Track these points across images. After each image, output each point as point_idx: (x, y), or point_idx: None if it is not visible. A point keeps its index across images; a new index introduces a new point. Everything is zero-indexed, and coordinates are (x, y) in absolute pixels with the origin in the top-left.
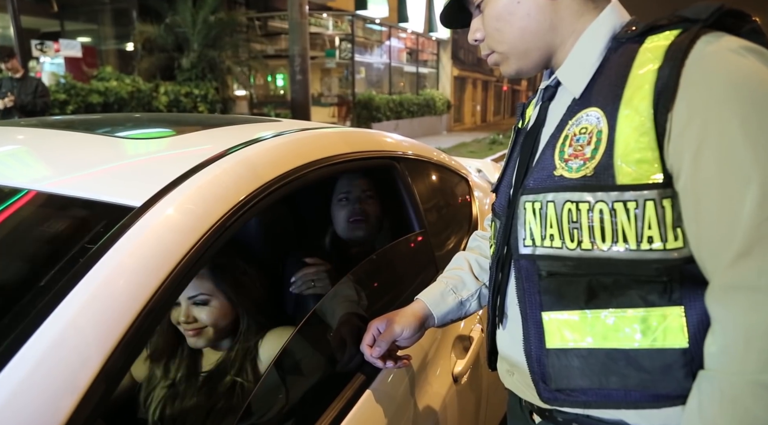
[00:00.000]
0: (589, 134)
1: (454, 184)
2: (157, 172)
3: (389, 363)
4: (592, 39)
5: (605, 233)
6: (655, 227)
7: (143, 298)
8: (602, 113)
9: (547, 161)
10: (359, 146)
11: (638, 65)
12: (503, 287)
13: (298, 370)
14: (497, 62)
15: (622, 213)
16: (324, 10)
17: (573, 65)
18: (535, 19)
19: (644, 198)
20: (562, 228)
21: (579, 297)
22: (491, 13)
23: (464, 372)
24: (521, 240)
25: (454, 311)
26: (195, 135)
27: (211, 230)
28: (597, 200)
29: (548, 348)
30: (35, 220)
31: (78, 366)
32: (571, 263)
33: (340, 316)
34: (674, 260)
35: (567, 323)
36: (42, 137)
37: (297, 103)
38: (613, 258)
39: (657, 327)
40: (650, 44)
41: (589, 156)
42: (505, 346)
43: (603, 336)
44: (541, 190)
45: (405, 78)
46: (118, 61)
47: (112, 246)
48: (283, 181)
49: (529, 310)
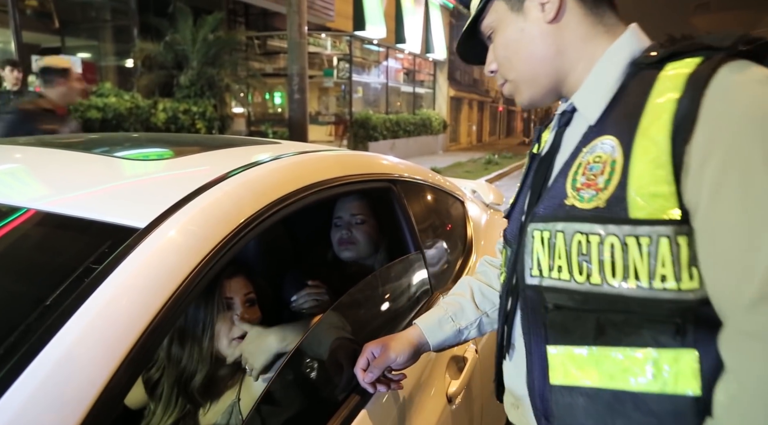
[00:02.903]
0: (603, 163)
1: (449, 205)
2: (159, 193)
3: (381, 387)
4: (609, 64)
5: (616, 269)
6: (669, 265)
7: (148, 317)
8: (617, 142)
9: (559, 189)
10: (357, 169)
11: (657, 94)
12: (511, 318)
13: (293, 389)
14: (511, 92)
15: (635, 249)
16: (323, 31)
17: (589, 90)
18: (541, 45)
19: (658, 234)
20: (570, 260)
21: (587, 333)
22: (499, 43)
23: (458, 392)
24: (528, 270)
25: (451, 339)
26: (194, 157)
27: (213, 250)
28: (608, 233)
29: (552, 384)
30: (42, 239)
31: (84, 383)
32: (578, 297)
33: (336, 336)
34: (689, 302)
35: (573, 358)
36: (43, 156)
37: (295, 121)
38: (623, 295)
39: (669, 371)
40: (670, 72)
41: (602, 186)
42: (511, 378)
43: (610, 376)
44: (551, 219)
45: (402, 98)
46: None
47: (117, 267)
48: (283, 203)
49: (534, 343)
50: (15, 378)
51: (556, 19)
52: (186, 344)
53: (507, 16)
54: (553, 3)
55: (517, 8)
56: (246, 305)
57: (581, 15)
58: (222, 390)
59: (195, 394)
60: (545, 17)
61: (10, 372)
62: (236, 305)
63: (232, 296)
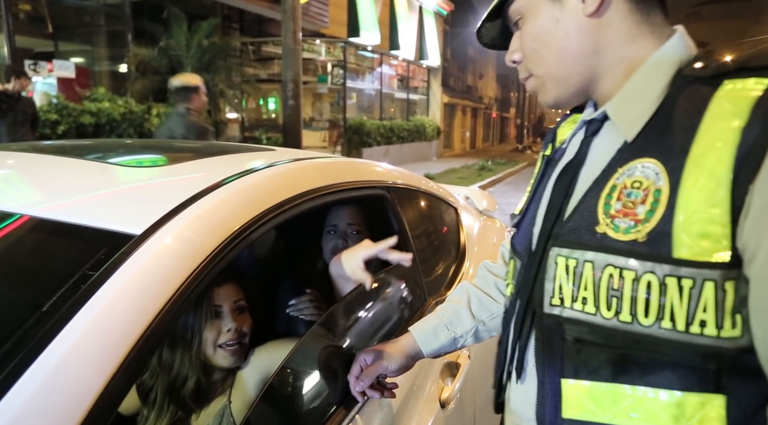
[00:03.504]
0: (645, 190)
1: (443, 212)
2: (155, 200)
3: (374, 393)
4: (654, 71)
5: (650, 309)
6: (712, 311)
7: (144, 323)
8: (662, 168)
9: (588, 212)
10: (351, 176)
11: (712, 117)
12: (524, 342)
13: (288, 393)
14: (535, 89)
15: (674, 290)
16: (317, 37)
17: (627, 100)
18: (577, 41)
19: (704, 277)
20: (598, 294)
21: (606, 368)
22: (529, 32)
23: (451, 398)
24: (548, 297)
25: (446, 347)
26: (189, 164)
27: (209, 257)
28: (646, 271)
29: (564, 418)
30: (40, 246)
31: (81, 389)
32: (603, 333)
33: (331, 342)
34: (727, 350)
35: (589, 393)
36: (39, 163)
37: (289, 127)
38: (654, 336)
39: (693, 415)
40: (729, 91)
41: (643, 218)
42: (519, 402)
43: (627, 414)
44: (578, 246)
45: (396, 104)
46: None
47: (114, 273)
48: (278, 210)
49: (548, 374)
50: (12, 383)
51: (599, 12)
52: (177, 350)
53: (541, 3)
54: None
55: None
56: (236, 312)
57: (626, 11)
58: (213, 395)
59: (187, 400)
60: (585, 9)
61: (8, 378)
62: (225, 313)
63: (221, 304)
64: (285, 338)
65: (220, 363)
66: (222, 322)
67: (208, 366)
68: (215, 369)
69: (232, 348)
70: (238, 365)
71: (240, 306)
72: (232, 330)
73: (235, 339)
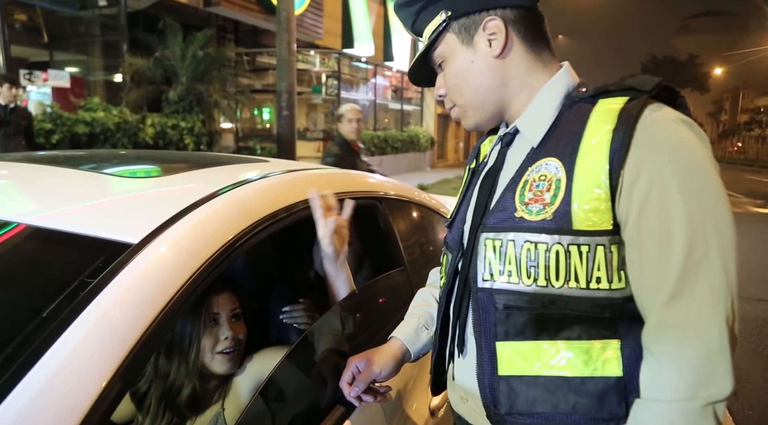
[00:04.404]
0: (549, 181)
1: (434, 222)
2: (151, 210)
3: (368, 398)
4: (549, 95)
5: (559, 272)
6: (603, 269)
7: (141, 329)
8: (561, 164)
9: (508, 203)
10: (343, 187)
11: (593, 124)
12: (463, 319)
13: (279, 400)
14: (459, 116)
15: (576, 255)
16: (312, 48)
17: (532, 117)
18: (488, 77)
19: (596, 243)
20: (520, 265)
21: (531, 329)
22: (450, 72)
23: (441, 405)
24: (480, 274)
25: (427, 346)
26: (183, 175)
27: (204, 266)
28: (554, 242)
29: (500, 375)
30: (40, 254)
31: (78, 393)
32: (526, 298)
33: (322, 350)
34: (617, 299)
35: (518, 352)
36: (36, 173)
37: (283, 137)
38: (563, 295)
39: (597, 358)
40: (603, 106)
41: (549, 201)
42: (462, 374)
43: (549, 365)
44: (502, 229)
45: (389, 115)
46: (106, 92)
47: (112, 280)
48: (271, 220)
49: (485, 340)
50: (11, 388)
51: (503, 54)
52: (173, 358)
53: (458, 48)
54: (499, 40)
55: (467, 42)
56: (232, 320)
57: (523, 52)
58: (208, 402)
59: (182, 408)
60: (492, 52)
61: (7, 383)
62: (222, 321)
63: (219, 312)
64: (279, 345)
65: (217, 370)
66: (219, 329)
67: (205, 373)
68: (211, 376)
69: (229, 354)
70: (234, 371)
71: (236, 314)
72: (229, 338)
73: (232, 346)
